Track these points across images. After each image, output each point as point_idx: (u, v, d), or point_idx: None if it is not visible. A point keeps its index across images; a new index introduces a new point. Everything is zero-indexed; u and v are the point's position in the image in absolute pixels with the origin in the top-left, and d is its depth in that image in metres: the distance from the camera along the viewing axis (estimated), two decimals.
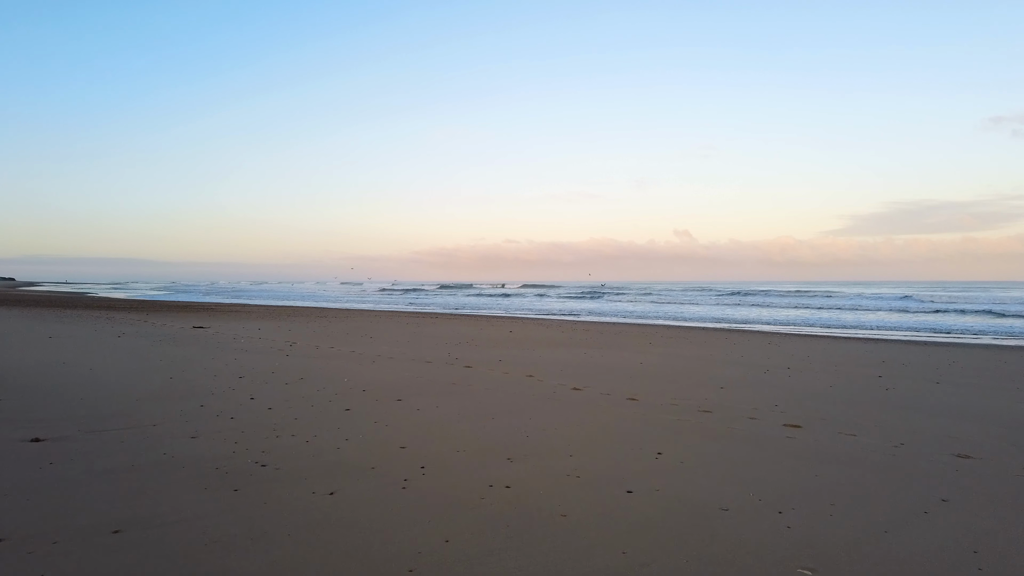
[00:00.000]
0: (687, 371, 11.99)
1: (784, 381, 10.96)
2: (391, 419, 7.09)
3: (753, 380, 10.99)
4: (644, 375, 11.28)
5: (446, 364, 12.26)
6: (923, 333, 24.26)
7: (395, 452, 5.64)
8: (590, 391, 9.36)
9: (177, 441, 5.85)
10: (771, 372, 12.17)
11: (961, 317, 31.76)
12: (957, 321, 29.38)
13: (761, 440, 6.48)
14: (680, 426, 7.06)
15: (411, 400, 8.31)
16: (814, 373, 12.14)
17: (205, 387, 8.97)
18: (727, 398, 9.01)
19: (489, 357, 13.58)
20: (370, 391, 8.94)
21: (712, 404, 8.48)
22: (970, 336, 23.04)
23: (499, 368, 11.75)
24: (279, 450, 5.61)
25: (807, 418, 7.67)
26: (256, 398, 8.19)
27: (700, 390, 9.70)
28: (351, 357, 13.11)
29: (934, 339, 21.64)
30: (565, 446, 6.01)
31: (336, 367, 11.51)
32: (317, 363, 12.02)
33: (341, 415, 7.24)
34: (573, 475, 5.07)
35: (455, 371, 11.26)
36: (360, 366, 11.74)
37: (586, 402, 8.46)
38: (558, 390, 9.39)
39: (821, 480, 5.11)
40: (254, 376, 10.14)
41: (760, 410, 8.13)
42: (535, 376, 10.79)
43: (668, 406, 8.27)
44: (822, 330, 25.92)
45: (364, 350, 14.52)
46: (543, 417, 7.38)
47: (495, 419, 7.20)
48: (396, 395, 8.65)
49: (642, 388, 9.73)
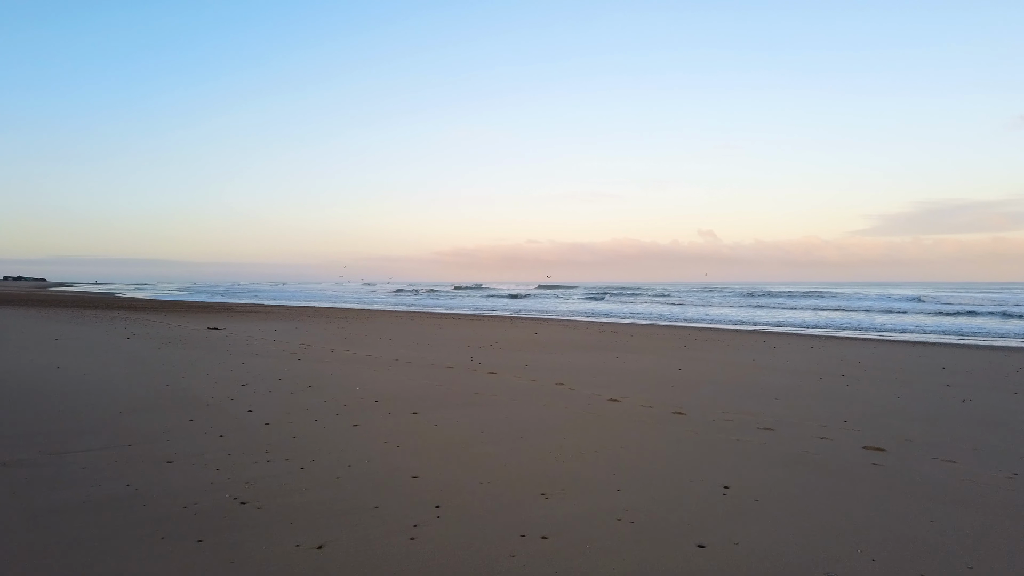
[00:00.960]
0: (732, 379, 10.88)
1: (844, 391, 9.81)
2: (404, 438, 6.13)
3: (809, 390, 9.86)
4: (685, 383, 10.20)
5: (468, 370, 11.29)
6: (969, 336, 22.75)
7: (405, 484, 4.67)
8: (629, 403, 8.32)
9: (149, 467, 4.94)
10: (825, 380, 11.02)
11: (1007, 321, 30.06)
12: (997, 324, 27.73)
13: (843, 468, 5.40)
14: (742, 449, 5.99)
15: (428, 413, 7.34)
16: (873, 381, 10.96)
17: (201, 396, 8.09)
18: (786, 412, 7.91)
19: (514, 362, 12.59)
20: (383, 402, 7.99)
21: (771, 419, 7.40)
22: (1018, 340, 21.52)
23: (525, 375, 10.75)
24: (266, 480, 4.67)
25: (887, 438, 6.56)
26: (254, 410, 7.28)
27: (753, 401, 8.61)
28: (367, 362, 12.21)
29: (990, 343, 20.18)
30: (610, 476, 4.99)
31: (349, 373, 10.60)
32: (329, 368, 11.12)
33: (347, 433, 6.29)
34: (625, 519, 4.05)
35: (478, 378, 10.28)
36: (375, 372, 10.81)
37: (626, 417, 7.43)
38: (593, 401, 8.37)
39: (939, 528, 4.03)
40: (258, 383, 9.26)
41: (829, 428, 7.03)
42: (566, 384, 9.77)
43: (721, 422, 7.21)
44: (864, 333, 24.51)
45: (381, 354, 13.62)
46: (580, 436, 6.36)
47: (524, 439, 6.20)
48: (412, 407, 7.69)
49: (687, 399, 8.66)
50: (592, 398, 8.62)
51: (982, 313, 33.26)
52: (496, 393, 8.85)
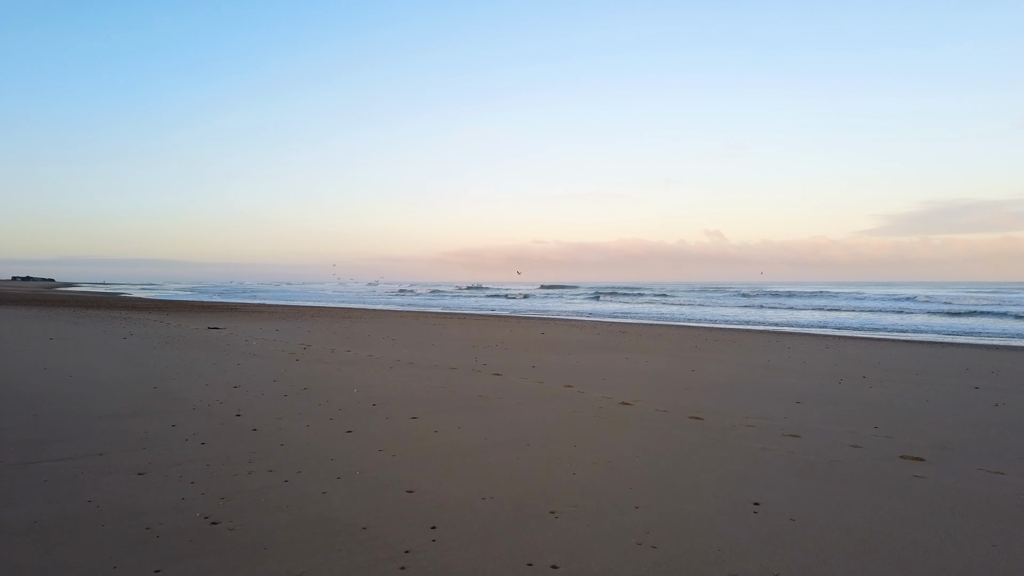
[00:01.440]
0: (749, 381, 10.37)
1: (867, 394, 9.30)
2: (401, 446, 5.66)
3: (831, 393, 9.35)
4: (700, 386, 9.71)
5: (472, 371, 10.83)
6: (983, 336, 22.14)
7: (399, 500, 4.21)
8: (642, 407, 7.83)
9: (117, 479, 4.49)
10: (847, 382, 10.50)
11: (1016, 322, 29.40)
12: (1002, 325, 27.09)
13: (882, 481, 4.91)
14: (768, 459, 5.50)
15: (428, 418, 6.87)
16: (896, 384, 10.44)
17: (189, 400, 7.65)
18: (810, 416, 7.41)
19: (521, 363, 12.12)
20: (381, 405, 7.53)
21: (796, 425, 6.90)
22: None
23: (532, 376, 10.28)
24: (244, 496, 4.21)
25: (924, 446, 6.05)
26: (243, 414, 6.83)
27: (773, 405, 8.11)
28: (367, 363, 11.76)
29: (1010, 343, 19.59)
30: (626, 490, 4.51)
31: (348, 374, 10.15)
32: (328, 369, 10.68)
33: (340, 440, 5.83)
34: (646, 542, 3.57)
35: (482, 380, 9.81)
36: (375, 373, 10.36)
37: (640, 422, 6.94)
38: (604, 405, 7.88)
39: (1006, 553, 3.54)
40: (252, 385, 8.81)
41: (859, 435, 6.52)
42: (574, 387, 9.29)
43: (742, 428, 6.71)
44: (877, 333, 23.92)
45: (383, 354, 13.17)
46: (591, 444, 5.88)
47: (531, 447, 5.72)
48: (411, 411, 7.23)
49: (703, 403, 8.17)
50: (603, 401, 8.14)
51: (992, 313, 32.59)
52: (501, 396, 8.38)
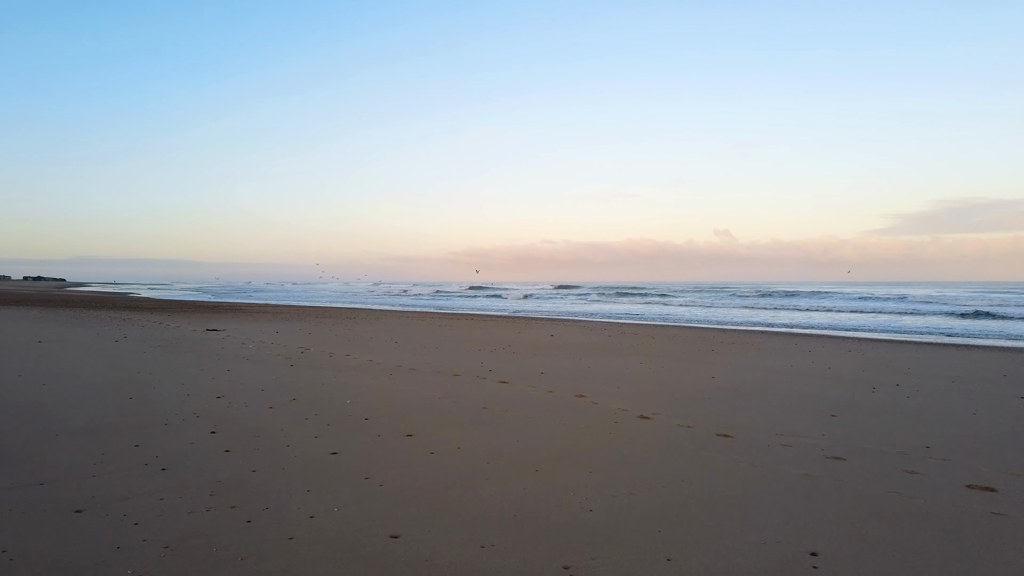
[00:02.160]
0: (775, 389, 9.60)
1: (906, 405, 8.51)
2: (390, 472, 4.95)
3: (866, 403, 8.57)
4: (723, 395, 8.95)
5: (477, 378, 10.11)
6: (1010, 340, 21.21)
7: (380, 548, 3.49)
8: (663, 420, 7.09)
9: (48, 519, 3.79)
10: (881, 390, 9.71)
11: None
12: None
13: (953, 519, 4.15)
14: (814, 489, 4.75)
15: (425, 436, 6.16)
16: (934, 393, 9.65)
17: (163, 413, 6.97)
18: (851, 432, 6.64)
19: (529, 369, 11.39)
20: (375, 420, 6.83)
21: (837, 444, 6.13)
22: None
23: (541, 384, 9.55)
24: (193, 542, 3.50)
25: (992, 472, 5.28)
26: (219, 431, 6.13)
27: (806, 419, 7.34)
28: (366, 368, 11.06)
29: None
30: (653, 534, 3.77)
31: (343, 382, 9.45)
32: (323, 376, 9.99)
33: (322, 464, 5.12)
34: None
35: (487, 389, 9.09)
36: (373, 381, 9.66)
37: (662, 440, 6.20)
38: (620, 419, 7.14)
39: None
40: (237, 395, 8.13)
41: (912, 457, 5.76)
42: (587, 396, 8.55)
43: (778, 448, 5.96)
44: (900, 335, 23.02)
45: (384, 358, 12.48)
46: (608, 469, 5.15)
47: (539, 473, 4.99)
48: (407, 427, 6.51)
49: (729, 416, 7.41)
50: (618, 414, 7.40)
51: (1013, 316, 31.57)
52: (507, 408, 7.65)
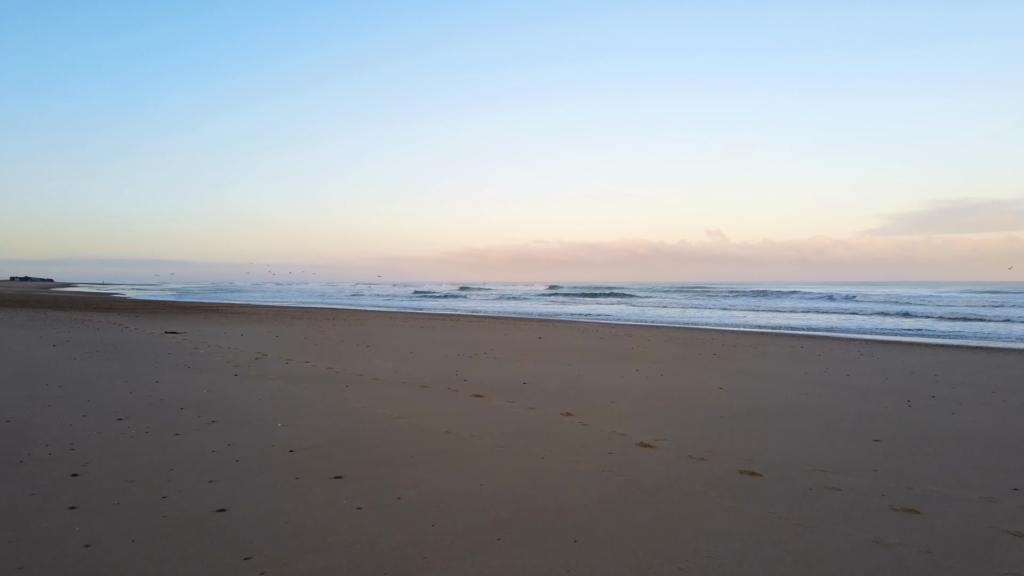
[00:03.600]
0: (797, 404, 8.18)
1: (955, 424, 7.12)
2: (289, 546, 3.47)
3: (907, 421, 7.16)
4: (738, 412, 7.52)
5: (448, 391, 8.65)
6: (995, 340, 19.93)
7: None
8: (669, 450, 5.64)
9: None
10: (917, 404, 8.33)
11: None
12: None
13: None
14: (896, 562, 3.31)
15: (359, 478, 4.68)
16: (979, 406, 8.27)
17: (38, 441, 5.47)
18: (909, 468, 5.22)
19: (510, 378, 9.93)
20: (301, 452, 5.35)
21: (900, 488, 4.70)
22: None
23: (522, 399, 8.10)
24: None
25: None
26: (84, 472, 4.64)
27: (847, 446, 5.92)
28: (321, 379, 9.58)
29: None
30: None
31: (285, 398, 7.97)
32: (264, 390, 8.50)
33: (196, 533, 3.64)
34: None
35: (457, 406, 7.63)
36: (323, 396, 8.18)
37: (671, 482, 4.75)
38: (616, 448, 5.69)
39: None
40: (145, 416, 6.64)
41: (1002, 504, 4.34)
42: (575, 416, 7.10)
43: (823, 492, 4.53)
44: (908, 337, 21.70)
45: (347, 366, 11.00)
46: (602, 534, 3.69)
47: (503, 543, 3.52)
48: (339, 464, 5.03)
49: (751, 443, 5.98)
50: (613, 440, 5.95)
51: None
52: (476, 432, 6.19)
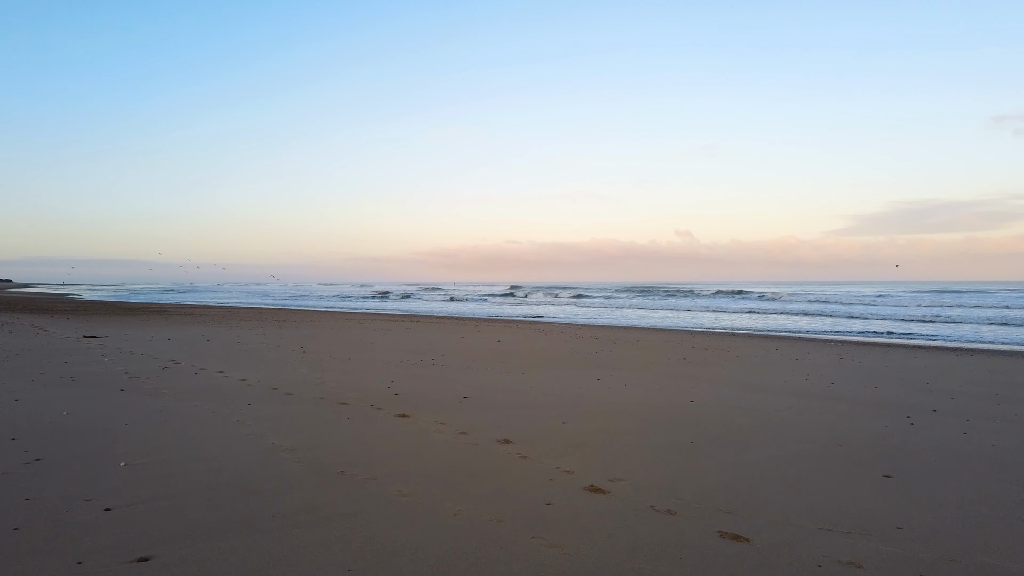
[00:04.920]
0: (779, 423, 6.92)
1: (971, 447, 5.93)
2: None
3: (916, 445, 5.94)
4: (711, 435, 6.22)
5: (370, 409, 7.21)
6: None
7: None
8: (624, 495, 4.29)
9: None
10: (920, 420, 7.15)
11: None
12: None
13: None
14: None
15: (174, 558, 3.23)
16: (992, 423, 7.15)
17: None
18: (938, 522, 3.95)
19: (451, 391, 8.54)
20: (120, 512, 3.88)
21: (939, 559, 3.42)
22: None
23: (457, 418, 6.69)
24: None
25: None
26: None
27: (852, 485, 4.64)
28: (225, 394, 8.07)
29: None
30: None
31: (162, 422, 6.46)
32: (143, 409, 6.96)
33: None
34: None
35: (371, 431, 6.20)
36: (213, 416, 6.68)
37: (625, 550, 3.39)
38: (557, 494, 4.32)
39: None
40: None
41: None
42: (515, 443, 5.72)
43: (837, 570, 3.22)
44: (884, 338, 20.84)
45: (265, 377, 9.49)
46: None
47: None
48: (161, 532, 3.57)
49: (731, 482, 4.66)
50: (556, 482, 4.58)
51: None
52: (378, 473, 4.76)
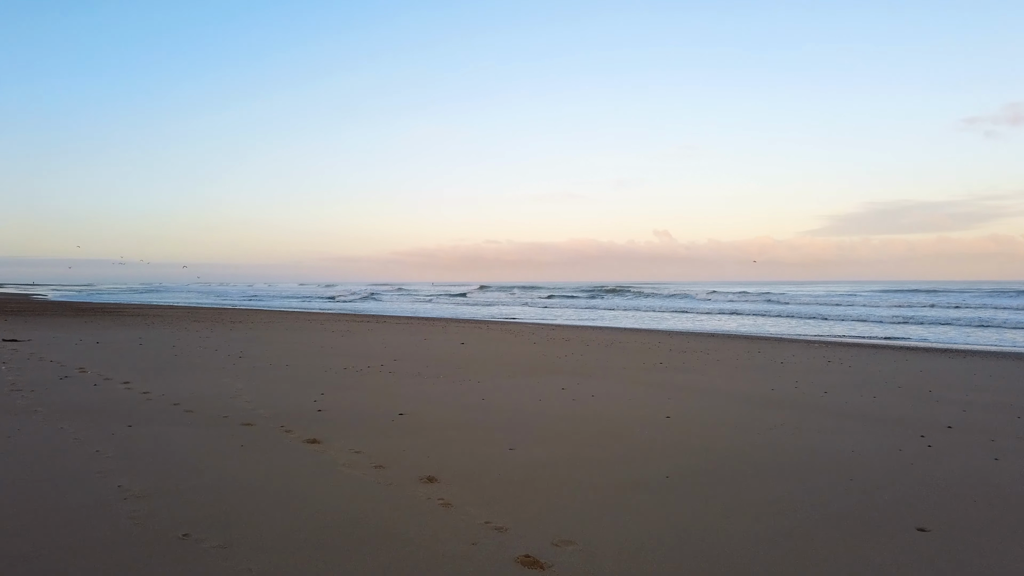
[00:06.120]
0: (775, 446, 5.77)
1: (1009, 480, 4.83)
2: None
3: (944, 478, 4.83)
4: (692, 468, 5.05)
5: (278, 432, 5.95)
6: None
7: None
8: (572, 567, 3.08)
9: None
10: (936, 440, 6.08)
11: None
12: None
13: None
14: None
15: None
16: (1019, 442, 6.06)
17: None
18: None
19: (386, 405, 7.29)
20: None
21: None
22: None
23: (378, 446, 5.45)
24: None
25: None
26: None
27: (878, 549, 3.49)
28: (111, 412, 6.76)
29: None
30: None
31: (9, 449, 5.13)
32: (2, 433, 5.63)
33: None
34: None
35: (264, 465, 4.92)
36: (76, 444, 5.37)
37: None
38: (480, 571, 3.10)
39: None
40: None
41: None
42: (441, 483, 4.49)
43: None
44: (859, 339, 19.98)
45: (176, 388, 8.18)
46: None
47: None
48: None
49: (723, 549, 3.49)
50: (481, 547, 3.36)
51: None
52: (233, 540, 3.50)
